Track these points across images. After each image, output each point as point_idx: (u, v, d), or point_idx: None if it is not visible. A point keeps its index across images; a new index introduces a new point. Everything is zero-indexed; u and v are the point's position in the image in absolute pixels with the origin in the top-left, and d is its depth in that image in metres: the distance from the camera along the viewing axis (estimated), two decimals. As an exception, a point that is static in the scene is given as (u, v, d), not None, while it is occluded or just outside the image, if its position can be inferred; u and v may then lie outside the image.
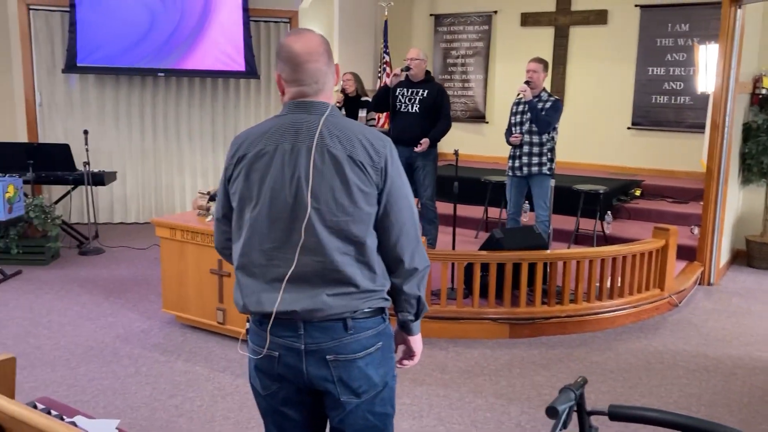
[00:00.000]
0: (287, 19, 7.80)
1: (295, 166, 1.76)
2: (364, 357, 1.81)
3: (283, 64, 1.83)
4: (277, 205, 1.77)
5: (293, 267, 1.75)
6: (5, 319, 4.56)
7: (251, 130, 1.88)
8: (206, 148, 7.77)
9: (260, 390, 1.90)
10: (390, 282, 1.86)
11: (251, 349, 1.88)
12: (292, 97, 1.84)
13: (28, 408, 1.67)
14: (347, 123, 1.83)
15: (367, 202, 1.77)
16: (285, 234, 1.77)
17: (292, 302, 1.75)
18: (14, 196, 5.39)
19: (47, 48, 7.20)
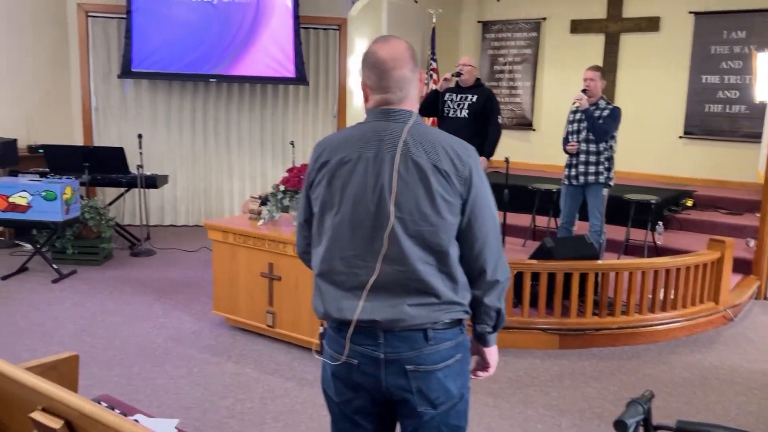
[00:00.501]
0: (336, 26, 7.86)
1: (378, 175, 1.75)
2: (443, 368, 1.79)
3: (369, 71, 1.82)
4: (358, 213, 1.77)
5: (375, 276, 1.75)
6: (62, 317, 4.69)
7: (333, 136, 1.89)
8: (254, 153, 7.88)
9: (334, 396, 1.89)
10: (470, 293, 1.84)
11: (329, 354, 1.87)
12: (376, 104, 1.83)
13: (98, 405, 1.70)
14: (432, 131, 1.81)
15: (451, 212, 1.75)
16: (366, 242, 1.76)
17: (372, 311, 1.75)
18: (71, 197, 5.54)
19: (104, 54, 7.40)
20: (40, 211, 5.40)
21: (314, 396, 3.61)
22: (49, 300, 5.04)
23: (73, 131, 7.47)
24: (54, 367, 2.24)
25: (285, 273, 4.18)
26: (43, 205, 5.39)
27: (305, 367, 3.97)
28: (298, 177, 4.33)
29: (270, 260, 4.23)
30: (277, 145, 7.90)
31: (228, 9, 7.21)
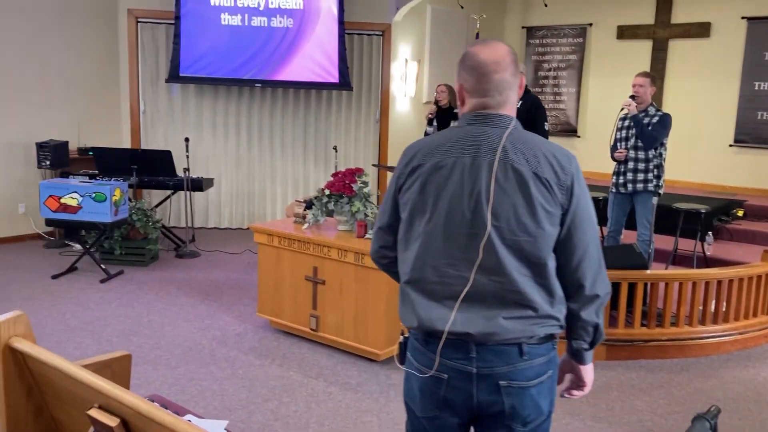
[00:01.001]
0: (380, 32, 7.88)
1: (475, 181, 1.69)
2: (536, 385, 1.73)
3: (467, 74, 1.76)
4: (453, 220, 1.70)
5: (468, 286, 1.69)
6: (110, 317, 4.77)
7: (425, 140, 1.83)
8: (297, 158, 7.93)
9: (418, 411, 1.82)
10: (566, 307, 1.77)
11: (415, 367, 1.80)
12: (473, 108, 1.77)
13: (153, 404, 1.71)
14: (532, 138, 1.74)
15: (551, 223, 1.68)
16: (460, 251, 1.70)
17: (465, 323, 1.68)
18: (120, 199, 5.65)
19: (152, 59, 7.54)
20: (90, 212, 5.52)
21: (357, 401, 3.60)
22: (97, 299, 5.13)
23: (122, 134, 7.63)
24: (108, 365, 2.28)
25: (329, 277, 4.18)
26: (93, 206, 5.51)
27: (348, 372, 3.96)
28: (342, 181, 4.34)
29: (314, 264, 4.24)
30: (319, 150, 7.94)
31: (274, 15, 7.28)
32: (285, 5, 7.27)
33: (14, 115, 6.75)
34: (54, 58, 6.98)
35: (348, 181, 4.31)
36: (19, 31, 6.69)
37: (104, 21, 7.35)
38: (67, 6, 7.02)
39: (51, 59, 6.96)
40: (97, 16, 7.28)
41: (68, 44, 7.08)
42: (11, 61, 6.66)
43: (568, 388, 1.93)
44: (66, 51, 7.07)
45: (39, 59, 6.87)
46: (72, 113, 7.19)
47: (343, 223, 4.36)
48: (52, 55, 6.96)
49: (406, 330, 1.87)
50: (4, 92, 6.65)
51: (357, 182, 4.33)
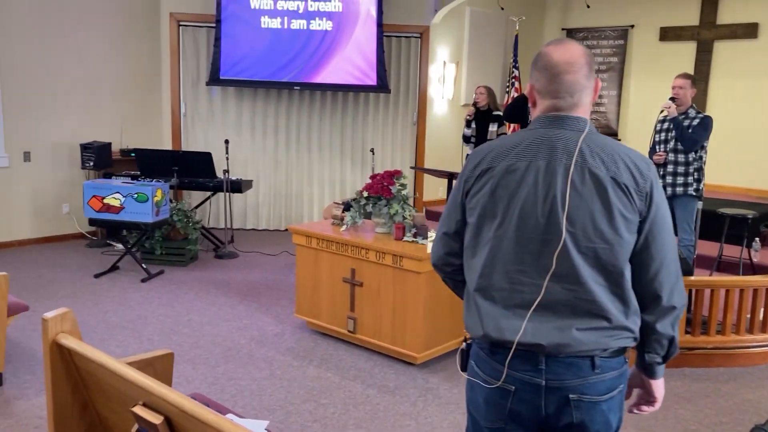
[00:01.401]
0: (418, 35, 7.86)
1: (550, 185, 1.63)
2: (607, 400, 1.66)
3: (539, 74, 1.72)
4: (526, 226, 1.65)
5: (542, 295, 1.63)
6: (150, 316, 4.84)
7: (496, 143, 1.77)
8: (334, 160, 7.95)
9: (483, 422, 1.77)
10: (640, 319, 1.69)
11: (480, 377, 1.75)
12: (545, 110, 1.72)
13: (196, 403, 1.72)
14: (609, 142, 1.68)
15: (628, 230, 1.62)
16: (533, 258, 1.64)
17: (536, 334, 1.63)
18: (161, 200, 5.73)
19: (193, 62, 7.65)
20: (132, 212, 5.61)
21: (396, 404, 3.58)
22: (138, 298, 5.21)
23: (163, 136, 7.75)
24: (151, 363, 2.30)
25: (367, 279, 4.17)
26: (135, 207, 5.59)
27: (386, 375, 3.94)
28: (380, 183, 4.33)
29: (352, 266, 4.23)
30: (356, 152, 7.96)
31: (314, 18, 7.32)
32: (324, 8, 7.31)
33: (59, 117, 6.91)
34: (98, 62, 7.13)
35: (386, 184, 4.30)
36: (65, 35, 6.84)
37: (147, 25, 7.48)
38: (111, 10, 7.16)
39: (95, 63, 7.11)
40: (139, 20, 7.41)
41: (112, 48, 7.22)
42: (57, 64, 6.82)
43: (637, 404, 1.86)
44: (110, 54, 7.21)
45: (83, 63, 7.02)
46: (115, 115, 7.32)
47: (381, 226, 4.35)
48: (96, 59, 7.11)
49: (468, 336, 1.81)
50: (50, 95, 6.81)
51: (395, 184, 4.31)
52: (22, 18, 6.52)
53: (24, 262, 6.11)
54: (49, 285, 5.46)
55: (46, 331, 2.06)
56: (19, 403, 3.43)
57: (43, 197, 6.89)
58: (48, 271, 5.86)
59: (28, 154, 6.73)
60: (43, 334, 2.07)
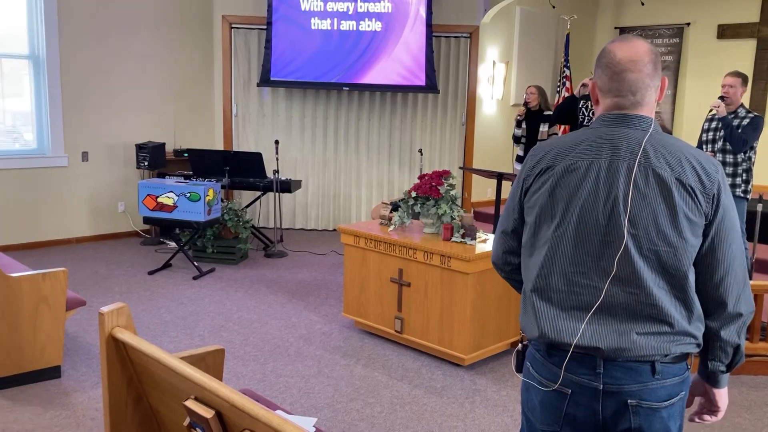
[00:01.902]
0: (468, 35, 7.82)
1: (612, 186, 1.60)
2: (668, 407, 1.62)
3: (601, 72, 1.69)
4: (586, 226, 1.62)
5: (601, 297, 1.60)
6: (202, 312, 4.93)
7: (555, 141, 1.75)
8: (382, 161, 7.97)
9: (537, 424, 1.75)
10: (704, 325, 1.65)
11: (536, 379, 1.73)
12: (607, 108, 1.69)
13: (247, 398, 1.74)
14: (674, 141, 1.64)
15: (693, 233, 1.58)
16: (592, 259, 1.61)
17: (595, 337, 1.59)
18: (213, 199, 5.84)
19: (245, 63, 7.77)
20: (185, 211, 5.73)
21: (443, 405, 3.56)
22: (190, 295, 5.32)
23: (215, 136, 7.90)
24: (202, 358, 2.34)
25: (414, 279, 4.17)
26: (188, 206, 5.71)
27: (433, 375, 3.93)
28: (429, 184, 4.31)
29: (400, 266, 4.23)
30: (404, 153, 7.96)
31: (363, 18, 7.36)
32: (374, 9, 7.33)
33: (116, 118, 7.11)
34: (153, 64, 7.31)
35: (434, 184, 4.29)
36: (122, 40, 7.04)
37: (200, 28, 7.64)
38: (165, 14, 7.33)
39: (150, 65, 7.29)
40: (193, 23, 7.57)
41: (166, 50, 7.39)
42: (114, 67, 7.02)
43: (698, 412, 1.80)
44: (164, 57, 7.39)
45: (139, 66, 7.20)
46: (169, 116, 7.50)
47: (429, 226, 4.33)
48: (151, 62, 7.29)
49: (524, 337, 1.80)
50: (108, 97, 7.01)
51: (444, 185, 4.29)
52: (82, 24, 6.73)
53: (81, 259, 6.31)
54: (104, 281, 5.62)
55: (102, 325, 2.12)
56: (76, 394, 3.54)
57: (100, 196, 7.10)
58: (104, 268, 6.03)
59: (86, 154, 6.94)
60: (99, 327, 2.13)
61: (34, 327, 3.55)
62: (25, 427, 3.19)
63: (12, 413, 3.32)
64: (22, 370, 3.56)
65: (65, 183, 6.83)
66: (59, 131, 6.71)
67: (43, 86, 6.60)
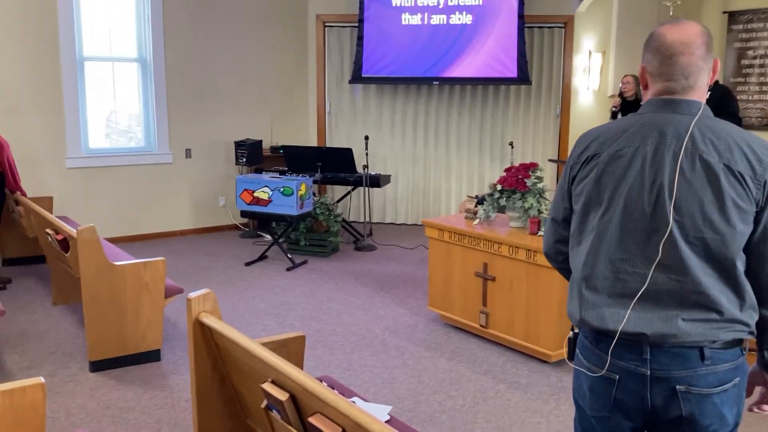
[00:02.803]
0: (562, 24, 7.63)
1: (657, 172, 1.57)
2: (719, 393, 1.58)
3: (651, 56, 1.65)
4: (631, 213, 1.60)
5: (646, 284, 1.58)
6: (293, 302, 5.10)
7: (602, 128, 1.73)
8: (473, 155, 7.92)
9: (588, 410, 1.75)
10: (758, 313, 1.61)
11: (585, 366, 1.73)
12: (657, 93, 1.65)
13: (319, 383, 1.81)
14: (725, 126, 1.59)
15: (743, 220, 1.54)
16: (637, 246, 1.60)
17: (640, 323, 1.58)
18: (305, 193, 6.01)
19: (337, 61, 7.94)
20: (279, 205, 5.93)
21: (527, 401, 3.52)
22: (283, 286, 5.50)
23: (309, 133, 8.11)
24: (284, 344, 2.43)
25: (499, 274, 4.13)
26: (281, 200, 5.91)
27: (518, 371, 3.89)
28: (515, 177, 4.26)
29: (484, 260, 4.21)
30: (495, 146, 7.87)
31: (453, 12, 7.33)
32: (464, 2, 7.29)
33: (216, 117, 7.44)
34: (250, 64, 7.60)
35: (521, 177, 4.23)
36: (220, 41, 7.36)
37: (295, 27, 7.86)
38: (261, 15, 7.60)
39: (248, 65, 7.58)
40: (288, 23, 7.81)
41: (263, 50, 7.66)
42: (214, 68, 7.35)
43: (758, 402, 1.75)
44: (261, 57, 7.66)
45: (237, 66, 7.51)
46: (265, 114, 7.77)
47: (515, 220, 4.28)
48: (248, 62, 7.58)
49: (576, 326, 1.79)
50: (209, 96, 7.36)
51: (531, 177, 4.22)
52: (184, 28, 7.09)
53: (184, 251, 6.66)
54: (204, 272, 5.92)
55: (190, 310, 2.25)
56: (173, 377, 3.76)
57: (201, 191, 7.46)
58: (204, 259, 6.34)
59: (189, 151, 7.32)
60: (187, 312, 2.26)
61: (136, 312, 3.80)
62: (128, 405, 3.42)
63: (116, 391, 3.57)
64: (125, 352, 3.82)
65: (169, 179, 7.22)
66: (164, 130, 7.11)
67: (150, 88, 7.01)
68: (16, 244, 5.89)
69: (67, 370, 3.82)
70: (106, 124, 7.02)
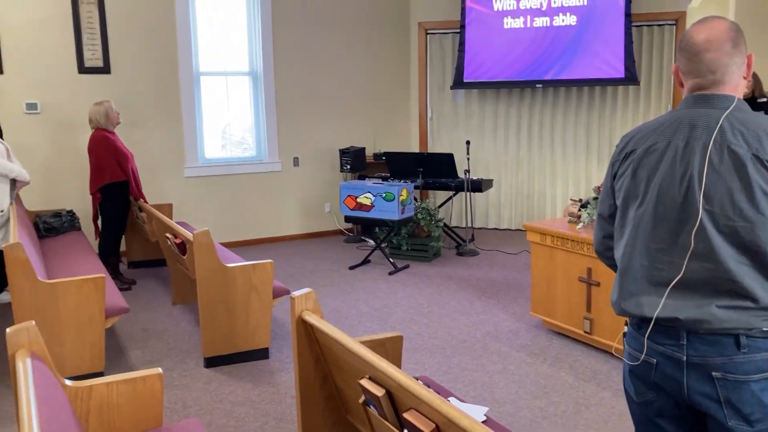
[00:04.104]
0: (673, 21, 7.32)
1: (688, 164, 1.64)
2: (759, 380, 1.59)
3: (680, 55, 1.75)
4: (663, 204, 1.67)
5: (681, 273, 1.64)
6: (394, 306, 5.18)
7: (642, 126, 1.82)
8: (579, 157, 7.74)
9: (633, 396, 1.82)
10: None
11: (627, 353, 1.82)
12: (690, 89, 1.74)
13: (414, 380, 1.86)
14: (756, 118, 1.63)
15: None
16: (671, 236, 1.66)
17: (675, 309, 1.64)
18: (406, 199, 6.10)
19: (439, 67, 8.00)
20: (381, 210, 6.05)
21: (632, 410, 3.41)
22: (385, 289, 5.61)
23: (411, 139, 8.22)
24: (382, 344, 2.50)
25: (604, 279, 4.03)
26: (383, 205, 6.03)
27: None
28: (622, 180, 4.14)
29: (588, 265, 4.12)
30: (603, 148, 7.65)
31: (557, 14, 7.22)
32: (568, 3, 7.16)
33: (322, 125, 7.69)
34: (354, 74, 7.80)
35: (627, 179, 4.10)
36: (326, 53, 7.61)
37: (397, 36, 8.00)
38: (365, 26, 7.79)
39: (352, 75, 7.79)
40: (390, 32, 7.96)
41: (366, 60, 7.85)
42: (319, 78, 7.61)
43: None
44: (364, 66, 7.85)
45: (341, 75, 7.73)
46: (369, 122, 7.95)
47: (621, 223, 4.16)
48: (352, 71, 7.79)
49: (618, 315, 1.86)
50: (315, 106, 7.62)
51: (637, 180, 4.09)
52: (292, 42, 7.39)
53: (291, 255, 6.92)
54: (311, 275, 6.12)
55: (293, 308, 2.37)
56: (281, 374, 3.93)
57: (308, 198, 7.72)
58: (310, 263, 6.56)
59: (297, 160, 7.60)
60: (291, 310, 2.38)
61: (246, 312, 4.00)
62: (238, 399, 3.61)
63: (228, 387, 3.77)
64: (236, 350, 4.03)
65: (279, 186, 7.53)
66: (274, 139, 7.43)
67: (261, 100, 7.34)
68: (140, 248, 6.35)
69: (184, 365, 4.08)
70: (222, 136, 7.42)
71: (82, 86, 6.41)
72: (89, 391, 2.22)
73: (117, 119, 5.70)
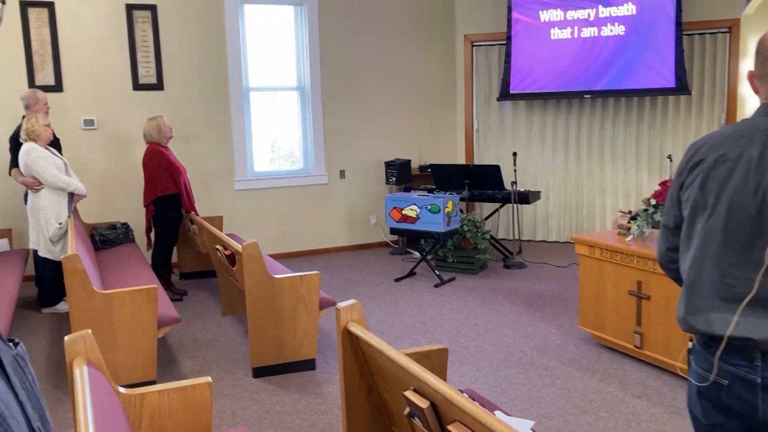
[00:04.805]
0: (726, 29, 7.15)
1: (763, 176, 1.56)
2: None
3: (756, 59, 1.66)
4: (735, 217, 1.59)
5: (754, 290, 1.55)
6: (440, 318, 5.17)
7: (712, 134, 1.74)
8: (629, 168, 7.60)
9: (701, 418, 1.73)
10: None
11: (694, 372, 1.73)
12: (765, 97, 1.65)
13: (459, 393, 1.86)
14: None
15: None
16: (744, 250, 1.58)
17: (749, 328, 1.55)
18: (452, 210, 6.09)
19: (485, 79, 7.98)
20: (426, 222, 6.06)
21: (685, 427, 3.33)
22: (431, 302, 5.60)
23: (457, 151, 8.21)
24: (427, 356, 2.51)
25: (654, 292, 3.95)
26: (429, 217, 6.04)
27: (677, 395, 3.68)
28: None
29: (638, 278, 4.04)
30: (653, 160, 7.50)
31: (605, 24, 7.13)
32: (617, 13, 7.07)
33: (367, 138, 7.75)
34: (400, 87, 7.85)
35: (678, 191, 4.02)
36: (371, 67, 7.68)
37: (443, 49, 8.02)
38: (411, 39, 7.84)
39: (398, 88, 7.84)
40: (436, 45, 7.99)
41: (412, 73, 7.89)
42: (365, 91, 7.68)
43: None
44: (410, 78, 7.89)
45: (387, 88, 7.79)
46: (414, 134, 7.98)
47: (672, 236, 4.07)
48: (398, 84, 7.84)
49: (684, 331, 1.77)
50: (361, 119, 7.69)
51: (688, 191, 4.00)
52: (339, 56, 7.49)
53: (338, 266, 6.97)
54: (357, 286, 6.16)
55: (339, 319, 2.40)
56: (327, 385, 3.96)
57: (354, 210, 7.78)
58: (356, 275, 6.60)
59: (343, 172, 7.67)
60: (336, 321, 2.41)
61: (293, 323, 4.05)
62: (285, 410, 3.66)
63: (275, 396, 3.82)
64: (284, 360, 4.08)
65: (325, 199, 7.61)
66: (321, 153, 7.52)
67: (308, 114, 7.45)
68: (191, 260, 6.50)
69: (233, 375, 4.15)
70: (270, 149, 7.55)
71: (136, 102, 6.62)
72: (142, 399, 2.28)
73: (170, 134, 5.86)
